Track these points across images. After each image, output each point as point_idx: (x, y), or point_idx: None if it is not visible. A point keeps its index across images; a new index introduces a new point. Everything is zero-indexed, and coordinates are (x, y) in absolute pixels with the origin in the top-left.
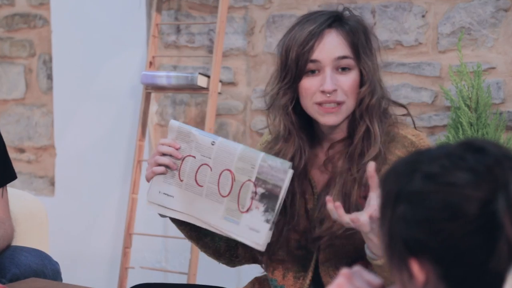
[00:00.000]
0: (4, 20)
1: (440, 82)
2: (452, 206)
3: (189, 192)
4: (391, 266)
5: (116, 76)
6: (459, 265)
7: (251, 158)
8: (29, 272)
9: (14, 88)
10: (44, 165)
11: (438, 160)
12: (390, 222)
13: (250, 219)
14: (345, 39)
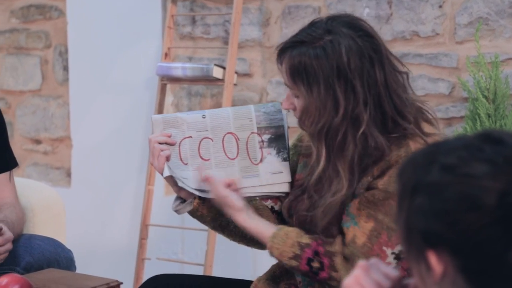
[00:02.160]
0: (20, 11)
1: (458, 73)
2: (470, 198)
3: (198, 171)
4: (409, 258)
5: (132, 67)
6: (477, 257)
7: (245, 113)
8: (42, 260)
9: (30, 80)
10: (61, 156)
11: (455, 152)
12: (408, 214)
13: (268, 165)
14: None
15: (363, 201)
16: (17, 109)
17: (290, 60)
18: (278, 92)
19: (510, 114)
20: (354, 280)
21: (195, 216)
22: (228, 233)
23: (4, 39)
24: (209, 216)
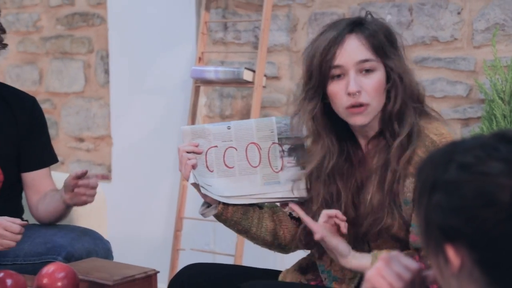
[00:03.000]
0: (65, 19)
1: (475, 76)
2: (486, 195)
3: (223, 178)
4: (428, 251)
5: (168, 70)
6: (493, 251)
7: (267, 124)
8: (82, 250)
9: (74, 82)
10: (102, 153)
11: (472, 151)
12: (426, 209)
13: (288, 173)
14: (365, 43)
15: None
16: (62, 109)
17: (369, 36)
18: None
19: None
20: (376, 272)
21: (220, 219)
22: (250, 237)
23: (51, 45)
24: (233, 220)
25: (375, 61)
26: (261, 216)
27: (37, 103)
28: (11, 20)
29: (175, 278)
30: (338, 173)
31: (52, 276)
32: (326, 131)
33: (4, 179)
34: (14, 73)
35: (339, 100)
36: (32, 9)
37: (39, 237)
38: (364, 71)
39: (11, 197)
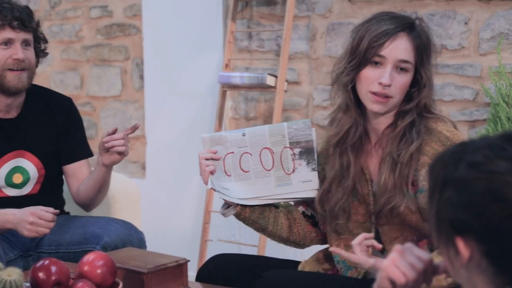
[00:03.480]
0: (104, 29)
1: (481, 81)
2: (494, 191)
3: (240, 181)
4: (439, 244)
5: (197, 76)
6: (500, 244)
7: (278, 130)
8: (117, 240)
9: (112, 87)
10: (137, 152)
11: (481, 150)
12: (438, 205)
13: (299, 175)
14: (412, 45)
15: None
16: (100, 112)
17: (417, 39)
18: (322, 97)
19: None
20: (391, 262)
21: (239, 218)
22: (267, 234)
23: (91, 53)
24: (250, 219)
25: (411, 64)
26: (277, 215)
27: (73, 103)
28: (55, 30)
29: (203, 267)
30: (353, 145)
31: (92, 264)
32: (354, 105)
33: (45, 173)
34: (58, 78)
35: (368, 84)
36: (75, 20)
37: (80, 227)
38: (399, 69)
39: (52, 190)
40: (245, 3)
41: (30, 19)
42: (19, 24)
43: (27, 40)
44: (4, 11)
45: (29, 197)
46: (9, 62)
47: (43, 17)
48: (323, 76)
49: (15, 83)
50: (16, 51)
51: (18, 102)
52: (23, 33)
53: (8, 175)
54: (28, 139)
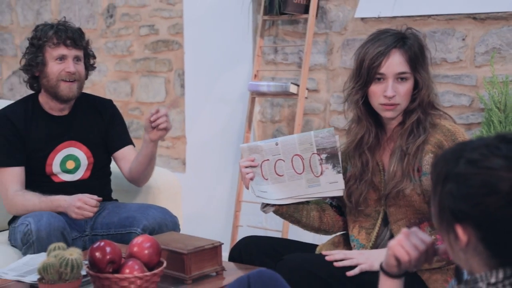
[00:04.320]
0: (151, 45)
1: (476, 89)
2: (489, 185)
3: (276, 184)
4: (441, 230)
5: (230, 85)
6: (494, 231)
7: (306, 139)
8: (154, 223)
9: (157, 94)
10: (178, 150)
11: (478, 149)
12: (440, 196)
13: (327, 177)
14: (405, 58)
15: None
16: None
17: (408, 51)
18: (338, 103)
19: None
20: (397, 242)
21: (277, 214)
22: (302, 225)
23: (140, 65)
24: (287, 214)
25: (409, 73)
26: (309, 209)
27: (113, 103)
28: (110, 46)
29: (235, 247)
30: (369, 147)
31: (141, 246)
32: (366, 116)
33: (94, 161)
34: (112, 87)
35: (377, 98)
36: (126, 37)
37: (125, 213)
38: (399, 79)
39: (101, 176)
40: (271, 22)
41: (81, 38)
42: (71, 42)
43: (78, 56)
44: (59, 32)
45: (81, 181)
46: (63, 74)
47: (99, 35)
48: (338, 85)
49: (67, 92)
50: (68, 65)
51: (69, 105)
52: (74, 50)
53: (62, 162)
54: (78, 132)
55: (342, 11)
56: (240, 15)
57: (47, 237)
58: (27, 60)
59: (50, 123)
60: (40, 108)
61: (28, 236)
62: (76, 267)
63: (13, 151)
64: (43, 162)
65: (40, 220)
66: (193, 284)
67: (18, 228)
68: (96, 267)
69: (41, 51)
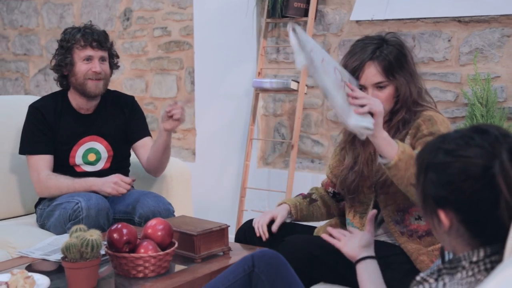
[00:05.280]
0: (164, 45)
1: (460, 86)
2: (465, 171)
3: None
4: (425, 215)
5: (236, 82)
6: (472, 212)
7: (342, 68)
8: (148, 212)
9: (170, 90)
10: (188, 141)
11: (454, 140)
12: (423, 185)
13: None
14: (379, 69)
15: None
16: (161, 110)
17: (383, 61)
18: None
19: (497, 115)
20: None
21: (295, 221)
22: (314, 221)
23: (154, 64)
24: (302, 219)
25: (386, 81)
26: (317, 209)
27: (135, 100)
28: (127, 46)
29: (240, 229)
30: (360, 143)
31: (154, 228)
32: None
33: (113, 154)
34: (128, 84)
35: None
36: (141, 39)
37: (128, 200)
38: (378, 87)
39: (119, 167)
40: (274, 24)
41: (106, 40)
42: (97, 44)
43: (103, 56)
44: (86, 35)
45: (102, 171)
46: (89, 73)
47: (117, 36)
48: None
49: (93, 90)
50: (94, 65)
51: (95, 103)
52: (100, 51)
53: (84, 154)
54: (100, 128)
55: (338, 14)
56: (245, 18)
57: (95, 215)
58: (57, 61)
59: (76, 120)
60: (69, 105)
61: (78, 213)
62: (96, 247)
63: (44, 140)
64: (67, 154)
65: (90, 199)
66: (202, 263)
67: (62, 205)
68: (114, 247)
69: (70, 52)
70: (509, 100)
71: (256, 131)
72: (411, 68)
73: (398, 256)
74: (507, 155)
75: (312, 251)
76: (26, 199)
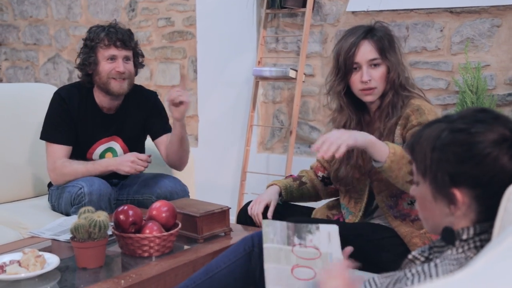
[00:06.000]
0: (168, 35)
1: (452, 74)
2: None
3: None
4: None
5: (237, 70)
6: (491, 187)
7: (276, 255)
8: (166, 192)
9: (173, 78)
10: (192, 127)
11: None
12: (434, 167)
13: (322, 242)
14: (374, 46)
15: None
16: (165, 97)
17: (377, 40)
18: None
19: (487, 102)
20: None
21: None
22: (300, 202)
23: (158, 53)
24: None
25: (380, 59)
26: (306, 192)
27: (157, 96)
28: None
29: (242, 209)
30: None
31: (159, 210)
32: (348, 106)
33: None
34: None
35: (356, 85)
36: (146, 29)
37: (142, 181)
38: (373, 65)
39: None
40: (273, 15)
41: (130, 40)
42: (121, 44)
43: (127, 56)
44: (110, 34)
45: None
46: (113, 73)
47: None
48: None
49: (117, 89)
50: (118, 65)
51: (118, 102)
52: (124, 51)
53: (102, 153)
54: (119, 129)
55: (335, 5)
56: (246, 9)
57: (97, 200)
58: (82, 60)
59: (98, 119)
60: (93, 102)
61: (81, 197)
62: (103, 227)
63: (66, 131)
64: (85, 149)
65: (92, 185)
66: (204, 243)
67: (67, 188)
68: (120, 228)
69: (94, 51)
70: (499, 87)
71: (256, 117)
72: (399, 54)
73: (392, 239)
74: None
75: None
76: (37, 182)
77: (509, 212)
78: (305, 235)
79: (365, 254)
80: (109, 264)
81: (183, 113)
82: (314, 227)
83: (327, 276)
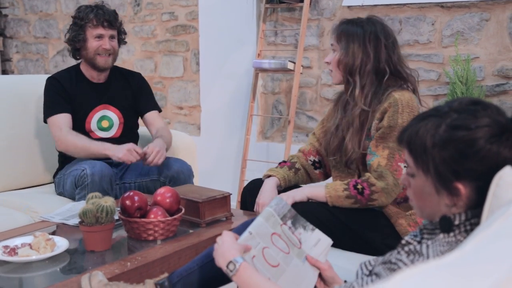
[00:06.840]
0: (171, 29)
1: (443, 66)
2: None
3: (280, 278)
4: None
5: (238, 62)
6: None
7: (268, 214)
8: (173, 172)
9: (177, 70)
10: (194, 117)
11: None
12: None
13: (306, 243)
14: (336, 34)
15: (377, 139)
16: (169, 88)
17: (342, 30)
18: (327, 78)
19: (476, 92)
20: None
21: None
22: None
23: (162, 46)
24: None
25: (336, 46)
26: (301, 177)
27: (141, 76)
28: (137, 30)
29: (244, 189)
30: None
31: (163, 195)
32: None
33: (124, 121)
34: (139, 64)
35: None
36: (151, 23)
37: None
38: (333, 50)
39: (130, 135)
40: (272, 9)
41: (116, 20)
42: (108, 24)
43: (113, 35)
44: (98, 15)
45: (114, 139)
46: (100, 50)
47: (128, 20)
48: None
49: (103, 64)
50: (105, 43)
51: (105, 74)
52: (110, 30)
53: (99, 121)
54: (111, 97)
55: (331, 0)
56: (246, 4)
57: (99, 181)
58: (71, 36)
59: (90, 88)
60: (82, 75)
61: (84, 179)
62: (110, 212)
63: (63, 102)
64: (83, 119)
65: (94, 166)
66: (207, 227)
67: (72, 173)
68: (127, 213)
69: (83, 29)
70: (487, 79)
71: (256, 107)
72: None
73: (379, 219)
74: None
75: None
76: (47, 169)
77: (498, 197)
78: (298, 226)
79: (353, 232)
80: (116, 247)
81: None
82: (311, 226)
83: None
